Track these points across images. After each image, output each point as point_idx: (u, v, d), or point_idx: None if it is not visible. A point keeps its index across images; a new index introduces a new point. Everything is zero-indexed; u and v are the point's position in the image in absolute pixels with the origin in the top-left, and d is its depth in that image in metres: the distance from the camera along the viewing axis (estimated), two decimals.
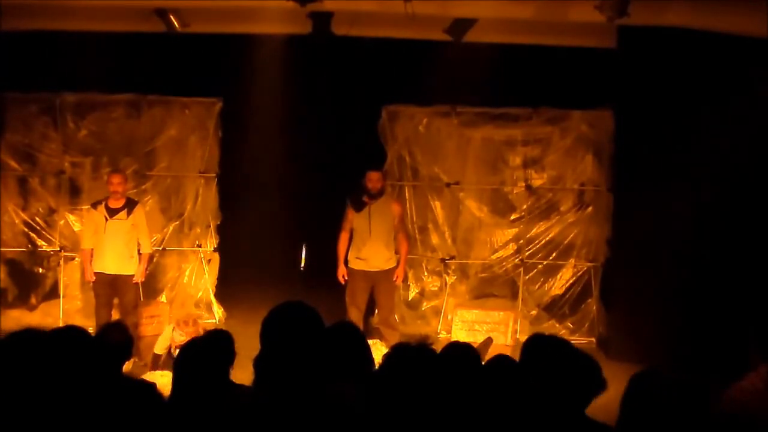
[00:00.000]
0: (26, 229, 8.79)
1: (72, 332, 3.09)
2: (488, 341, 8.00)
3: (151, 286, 8.86)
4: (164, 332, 7.34)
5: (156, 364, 7.16)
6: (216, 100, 8.92)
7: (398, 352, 2.81)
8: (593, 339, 8.71)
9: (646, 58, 7.72)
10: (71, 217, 8.81)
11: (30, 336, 2.79)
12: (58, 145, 8.73)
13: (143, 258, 7.70)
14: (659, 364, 3.03)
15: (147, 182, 8.91)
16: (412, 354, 2.76)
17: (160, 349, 7.23)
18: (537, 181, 8.93)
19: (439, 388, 2.65)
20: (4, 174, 8.60)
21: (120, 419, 2.54)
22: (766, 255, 6.97)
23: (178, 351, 3.48)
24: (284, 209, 10.02)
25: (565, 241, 8.85)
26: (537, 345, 3.42)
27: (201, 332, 7.15)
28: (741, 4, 6.46)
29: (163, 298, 8.88)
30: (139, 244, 7.66)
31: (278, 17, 7.94)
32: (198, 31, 8.19)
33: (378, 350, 7.50)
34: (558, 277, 8.92)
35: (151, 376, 6.49)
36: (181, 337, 6.97)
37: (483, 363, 3.48)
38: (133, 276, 7.59)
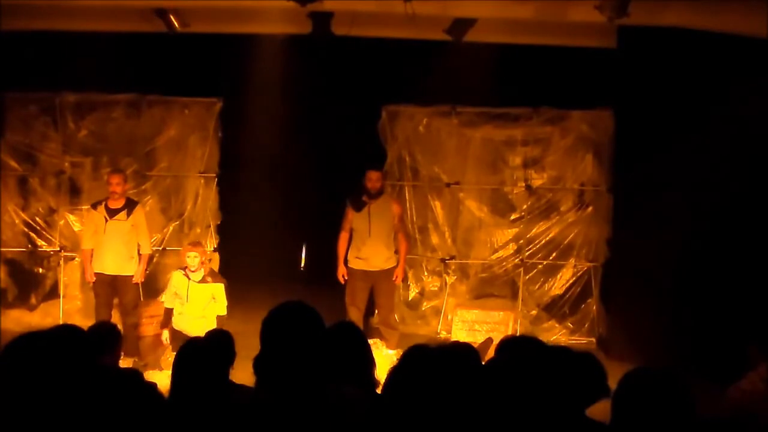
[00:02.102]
0: (26, 229, 8.79)
1: (67, 331, 3.08)
2: (488, 341, 7.99)
3: (151, 286, 8.85)
4: (171, 279, 7.51)
5: (168, 319, 7.39)
6: (216, 100, 8.92)
7: (418, 354, 2.80)
8: (593, 339, 8.71)
9: (646, 58, 7.73)
10: (71, 217, 8.81)
11: (26, 338, 2.80)
12: (58, 145, 8.73)
13: (143, 258, 7.69)
14: (659, 364, 3.03)
15: (147, 182, 8.92)
16: (432, 356, 2.76)
17: (169, 301, 7.46)
18: (537, 181, 8.93)
19: (441, 388, 2.65)
20: (4, 174, 8.60)
21: (119, 419, 2.54)
22: (766, 255, 6.96)
23: (175, 351, 3.47)
24: (284, 209, 10.02)
25: (565, 241, 8.85)
26: (510, 347, 3.41)
27: (208, 255, 7.76)
28: (741, 4, 6.47)
29: (162, 298, 8.88)
30: (138, 245, 7.66)
31: (278, 17, 7.95)
32: (198, 31, 8.19)
33: (378, 350, 7.52)
34: (558, 277, 8.92)
35: (151, 376, 6.49)
36: (195, 260, 7.29)
37: (483, 363, 3.49)
38: (132, 276, 7.60)
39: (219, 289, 7.47)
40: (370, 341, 4.03)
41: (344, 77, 9.32)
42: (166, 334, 7.32)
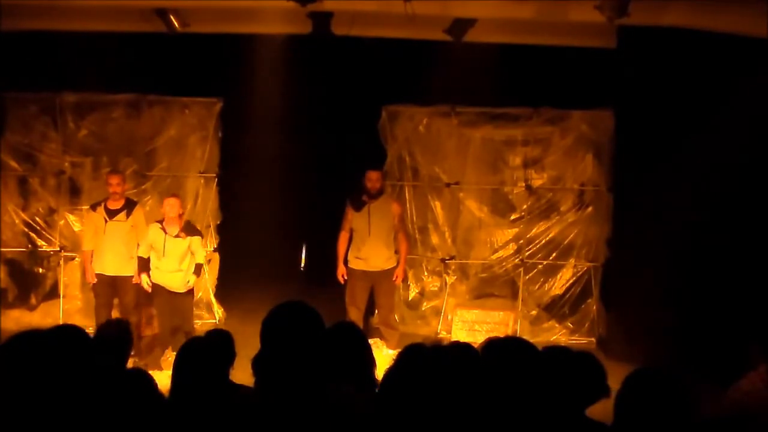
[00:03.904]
0: (26, 229, 8.80)
1: (67, 331, 3.08)
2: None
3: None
4: (149, 232, 7.48)
5: (144, 266, 7.44)
6: (216, 100, 8.92)
7: (414, 353, 2.80)
8: (593, 339, 8.71)
9: (646, 58, 7.73)
10: (71, 217, 8.81)
11: (27, 336, 2.80)
12: (58, 145, 8.73)
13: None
14: (659, 364, 3.03)
15: (147, 182, 8.92)
16: (427, 355, 2.76)
17: (143, 252, 7.47)
18: (537, 181, 8.92)
19: (438, 387, 2.65)
20: (4, 174, 8.60)
21: (119, 419, 2.54)
22: (766, 255, 6.97)
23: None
24: (284, 209, 10.01)
25: (565, 241, 8.85)
26: (496, 349, 3.41)
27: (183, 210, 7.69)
28: (741, 4, 6.47)
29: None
30: (138, 245, 7.66)
31: (278, 17, 7.95)
32: (198, 31, 8.19)
33: (378, 350, 7.52)
34: (558, 277, 8.92)
35: (154, 377, 6.48)
36: (173, 209, 7.33)
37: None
38: (132, 276, 7.59)
39: (195, 241, 7.51)
40: (370, 341, 4.03)
41: (344, 77, 9.31)
42: (146, 279, 7.40)
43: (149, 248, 7.45)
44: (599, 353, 7.48)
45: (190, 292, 7.61)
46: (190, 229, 7.54)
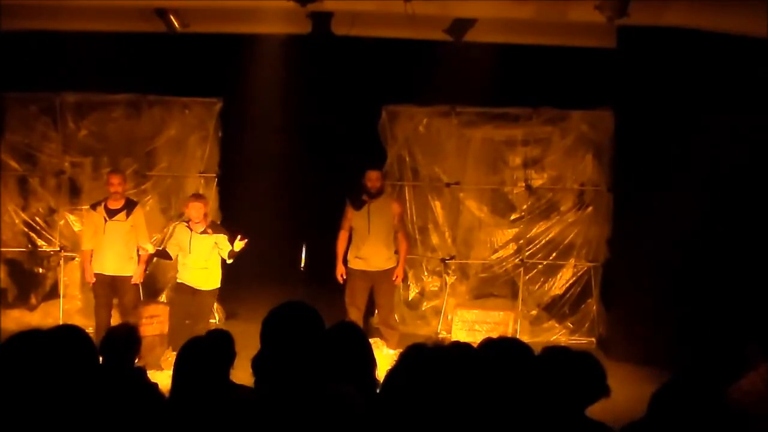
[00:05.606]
0: (26, 229, 8.80)
1: (67, 331, 3.09)
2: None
3: (151, 287, 8.86)
4: (174, 231, 7.58)
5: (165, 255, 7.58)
6: (216, 100, 8.92)
7: (416, 353, 2.81)
8: (593, 339, 8.71)
9: (646, 58, 7.73)
10: (71, 217, 8.81)
11: (26, 336, 2.80)
12: (58, 145, 8.74)
13: (142, 259, 7.68)
14: (658, 364, 3.04)
15: (147, 182, 8.92)
16: (430, 355, 2.76)
17: (172, 251, 7.51)
18: (537, 181, 8.93)
19: (439, 387, 2.65)
20: (4, 174, 8.60)
21: (120, 418, 2.54)
22: (766, 255, 6.97)
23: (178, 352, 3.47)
24: (284, 209, 10.02)
25: (565, 241, 8.85)
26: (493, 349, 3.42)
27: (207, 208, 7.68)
28: (741, 4, 6.47)
29: (163, 298, 8.88)
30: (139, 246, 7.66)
31: (278, 17, 7.95)
32: (198, 31, 8.20)
33: (378, 350, 7.52)
34: (558, 277, 8.92)
35: (151, 376, 6.48)
36: (199, 211, 7.36)
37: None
38: (132, 276, 7.59)
39: (221, 238, 7.51)
40: (370, 341, 4.03)
41: (344, 77, 9.31)
42: (151, 247, 7.46)
43: (176, 248, 7.50)
44: (599, 353, 7.49)
45: (213, 293, 7.62)
46: (215, 227, 7.60)
